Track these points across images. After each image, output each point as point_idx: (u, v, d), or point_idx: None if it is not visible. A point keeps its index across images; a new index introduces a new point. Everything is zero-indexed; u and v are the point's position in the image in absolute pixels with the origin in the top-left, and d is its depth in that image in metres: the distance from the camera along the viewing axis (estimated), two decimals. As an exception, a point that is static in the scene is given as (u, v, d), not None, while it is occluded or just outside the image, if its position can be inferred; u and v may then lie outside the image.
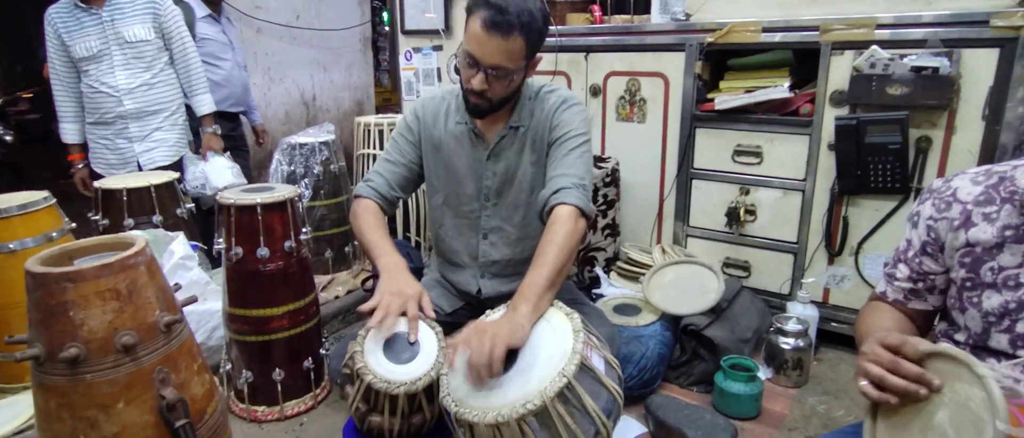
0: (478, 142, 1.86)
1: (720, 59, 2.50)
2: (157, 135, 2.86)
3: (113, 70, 2.71)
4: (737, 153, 2.45)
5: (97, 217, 2.33)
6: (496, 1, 1.57)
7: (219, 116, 3.41)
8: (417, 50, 3.32)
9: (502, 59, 1.63)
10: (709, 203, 2.58)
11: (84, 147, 2.92)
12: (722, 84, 2.49)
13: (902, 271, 1.26)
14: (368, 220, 1.85)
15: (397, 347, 1.59)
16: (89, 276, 1.09)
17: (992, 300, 1.10)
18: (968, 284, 1.14)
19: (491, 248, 1.95)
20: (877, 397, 0.99)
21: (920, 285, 1.24)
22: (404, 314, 1.62)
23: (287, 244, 1.94)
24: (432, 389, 1.55)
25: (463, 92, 1.77)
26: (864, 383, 1.01)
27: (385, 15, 5.79)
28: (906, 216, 1.27)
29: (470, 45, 1.64)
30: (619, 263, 2.70)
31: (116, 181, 2.38)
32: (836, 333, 2.41)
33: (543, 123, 1.82)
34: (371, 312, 1.59)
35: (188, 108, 3.00)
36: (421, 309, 1.65)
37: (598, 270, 2.66)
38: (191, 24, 3.20)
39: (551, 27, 1.78)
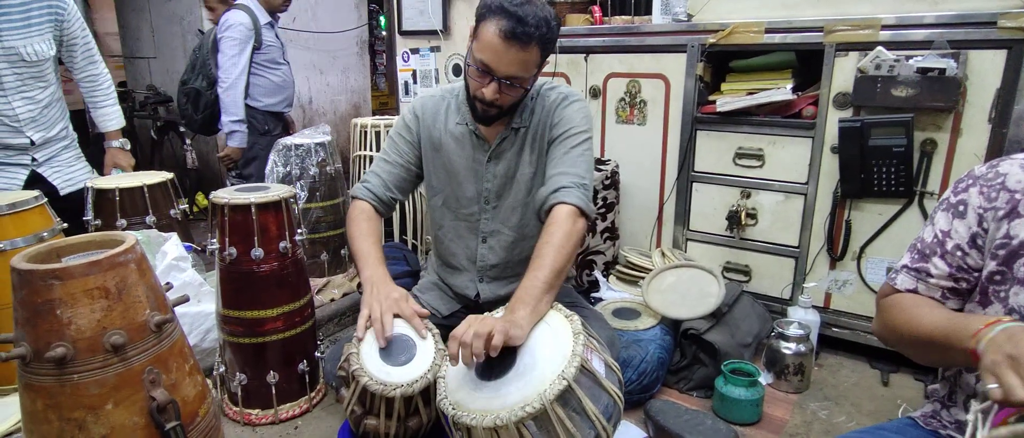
0: (479, 143, 1.83)
1: (722, 61, 2.48)
2: (64, 156, 2.44)
3: (5, 96, 2.19)
4: (738, 156, 2.43)
5: (88, 218, 2.29)
6: (515, 11, 1.52)
7: (273, 116, 3.38)
8: (415, 51, 3.30)
9: (518, 70, 1.59)
10: (709, 206, 2.56)
11: None
12: (724, 86, 2.47)
13: (939, 267, 1.14)
14: (361, 226, 1.82)
15: (394, 349, 1.56)
16: (76, 273, 1.06)
17: (1019, 297, 1.04)
18: (997, 277, 1.08)
19: (489, 252, 1.92)
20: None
21: (962, 283, 1.13)
22: (398, 316, 1.61)
23: (282, 245, 1.91)
24: (429, 391, 1.52)
25: (469, 99, 1.74)
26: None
27: (382, 19, 5.76)
28: (941, 206, 1.17)
29: (484, 54, 1.58)
30: (618, 267, 2.68)
31: (109, 181, 2.34)
32: (838, 338, 2.38)
33: (543, 121, 1.79)
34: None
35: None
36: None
37: (597, 274, 2.63)
38: (259, 31, 3.17)
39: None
